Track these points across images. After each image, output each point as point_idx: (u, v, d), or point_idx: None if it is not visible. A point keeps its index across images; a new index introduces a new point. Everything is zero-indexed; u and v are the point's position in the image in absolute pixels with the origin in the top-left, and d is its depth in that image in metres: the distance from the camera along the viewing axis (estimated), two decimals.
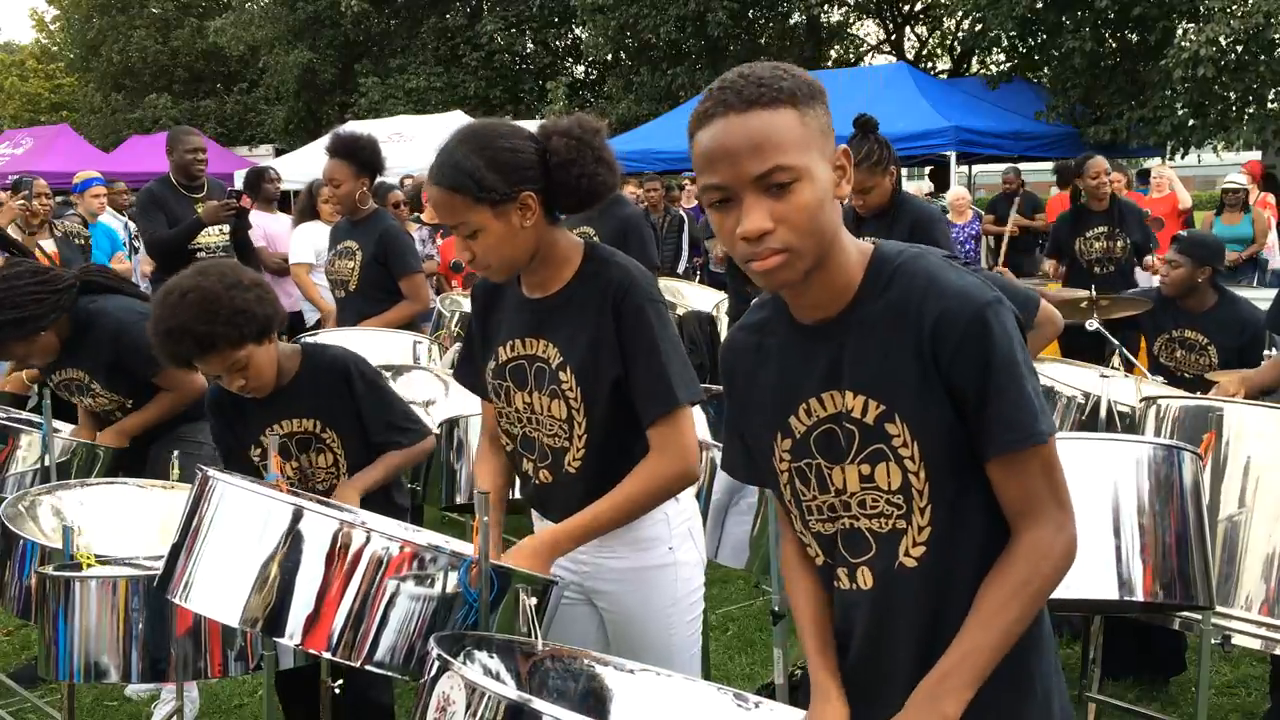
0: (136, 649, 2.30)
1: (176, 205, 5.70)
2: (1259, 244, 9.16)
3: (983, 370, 1.39)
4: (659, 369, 1.99)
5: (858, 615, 1.55)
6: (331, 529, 1.86)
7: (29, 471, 3.45)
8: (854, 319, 1.47)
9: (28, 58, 33.17)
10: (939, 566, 1.47)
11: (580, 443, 2.05)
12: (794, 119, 1.37)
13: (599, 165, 2.01)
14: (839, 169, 1.43)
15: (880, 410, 1.45)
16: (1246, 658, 3.84)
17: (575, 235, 2.14)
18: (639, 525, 2.09)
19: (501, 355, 2.13)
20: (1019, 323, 1.44)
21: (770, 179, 1.37)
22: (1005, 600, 1.42)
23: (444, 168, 1.96)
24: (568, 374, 2.03)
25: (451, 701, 1.45)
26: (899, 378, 1.44)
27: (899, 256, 1.47)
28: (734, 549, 2.95)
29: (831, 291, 1.47)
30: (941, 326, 1.40)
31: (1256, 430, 2.79)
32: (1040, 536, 1.42)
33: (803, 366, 1.52)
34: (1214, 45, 12.07)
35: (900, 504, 1.47)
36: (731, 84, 1.40)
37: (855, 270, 1.48)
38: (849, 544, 1.52)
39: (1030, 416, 1.39)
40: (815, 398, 1.50)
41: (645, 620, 2.14)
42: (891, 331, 1.44)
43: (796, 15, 18.70)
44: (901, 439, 1.44)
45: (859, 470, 1.48)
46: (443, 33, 23.15)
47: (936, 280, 1.43)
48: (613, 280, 2.02)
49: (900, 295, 1.44)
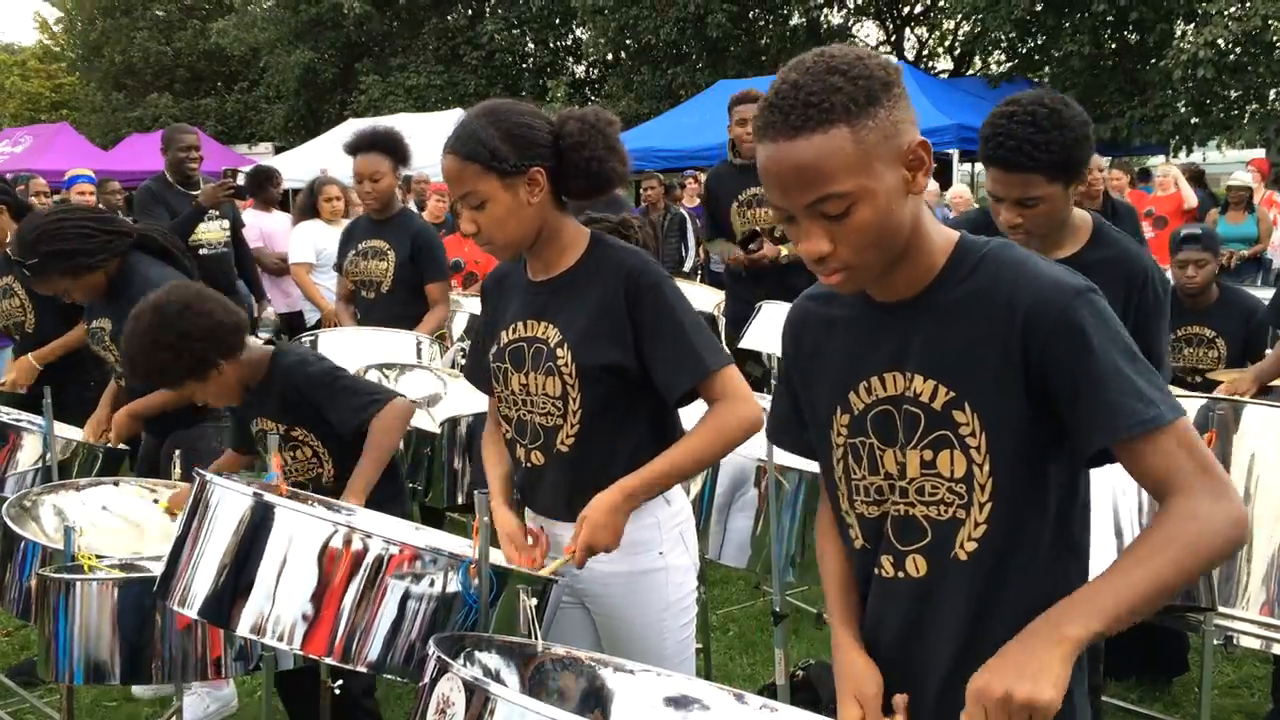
0: (136, 650, 2.29)
1: (176, 200, 5.72)
2: (1263, 243, 9.15)
3: (1081, 359, 1.33)
4: (684, 341, 2.01)
5: (900, 604, 1.50)
6: (330, 531, 1.85)
7: (30, 471, 3.45)
8: (931, 303, 1.43)
9: (30, 58, 33.18)
10: (991, 563, 1.43)
11: (574, 419, 2.06)
12: (845, 140, 1.30)
13: (609, 153, 2.04)
14: (914, 163, 1.36)
15: (950, 396, 1.41)
16: (1249, 658, 3.83)
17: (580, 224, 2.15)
18: (630, 529, 2.08)
19: (504, 339, 2.16)
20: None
21: (821, 208, 1.33)
22: (1149, 551, 1.31)
23: (460, 137, 2.00)
24: (564, 350, 2.05)
25: (451, 703, 1.44)
26: (976, 366, 1.39)
27: (986, 245, 1.44)
28: (736, 549, 2.94)
29: (910, 276, 1.44)
30: (1033, 317, 1.35)
31: (1258, 429, 2.78)
32: (1190, 503, 1.31)
33: (870, 343, 1.48)
34: (1212, 47, 12.07)
35: (962, 493, 1.43)
36: (780, 101, 1.33)
37: (937, 255, 1.44)
38: (900, 530, 1.48)
39: (1141, 401, 1.32)
40: (877, 376, 1.47)
41: (636, 625, 2.13)
42: (974, 318, 1.40)
43: (796, 17, 18.69)
44: (970, 428, 1.41)
45: (920, 455, 1.44)
46: (444, 33, 23.18)
47: (1026, 269, 1.39)
48: (623, 263, 2.05)
49: (987, 283, 1.40)
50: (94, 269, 3.39)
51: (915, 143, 1.36)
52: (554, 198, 2.06)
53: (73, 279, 3.41)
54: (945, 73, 20.44)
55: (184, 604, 1.90)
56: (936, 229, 1.45)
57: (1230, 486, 1.35)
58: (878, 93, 1.32)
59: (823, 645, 4.05)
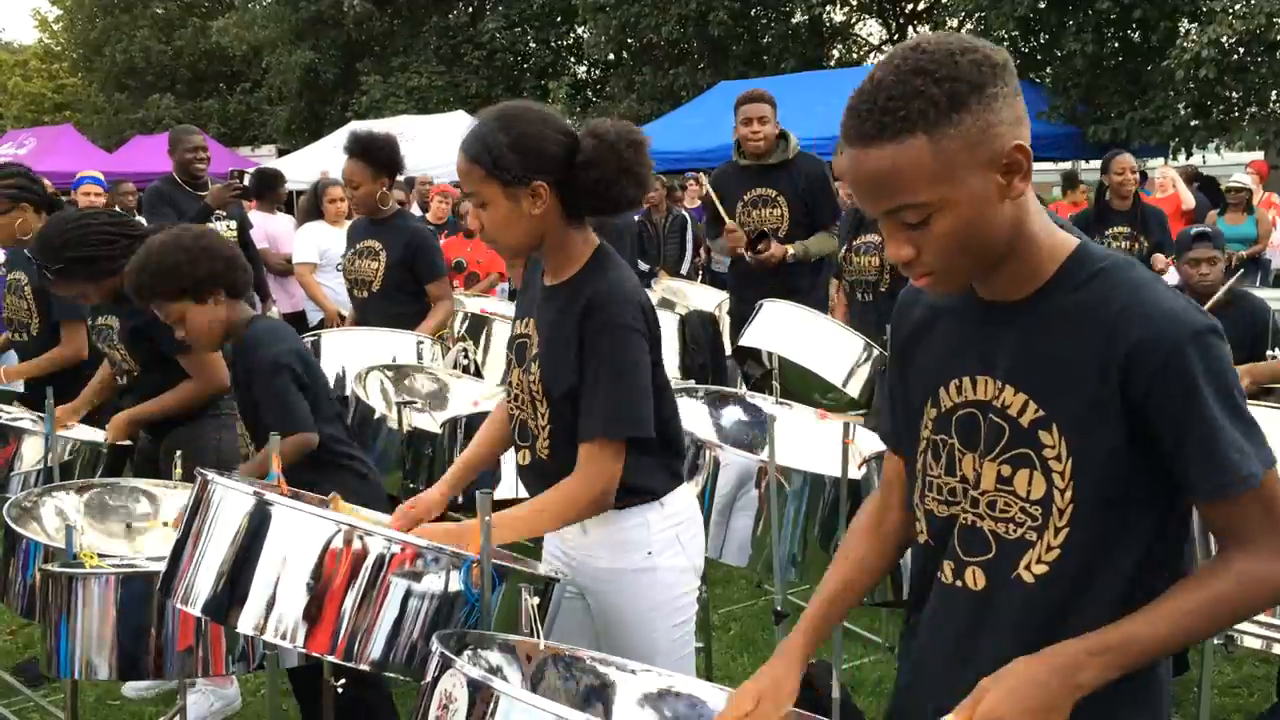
0: (139, 647, 2.30)
1: (183, 201, 5.76)
2: (1262, 244, 9.15)
3: (1186, 406, 1.27)
4: (595, 395, 1.99)
5: (956, 614, 1.46)
6: (331, 530, 1.86)
7: (32, 471, 3.46)
8: (1034, 310, 1.36)
9: (31, 58, 33.20)
10: (1058, 591, 1.36)
11: (545, 430, 2.09)
12: (923, 150, 1.24)
13: (622, 175, 2.00)
14: (1010, 167, 1.28)
15: (1038, 415, 1.34)
16: (1249, 658, 3.84)
17: (592, 235, 2.14)
18: (617, 528, 2.10)
19: (515, 328, 2.20)
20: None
21: (899, 216, 1.30)
22: (1196, 606, 1.29)
23: (471, 137, 2.02)
24: (537, 365, 2.08)
25: (454, 699, 1.45)
26: (1070, 387, 1.32)
27: (1105, 259, 1.35)
28: (738, 548, 2.95)
29: (1015, 278, 1.36)
30: (1141, 351, 1.27)
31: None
32: (1256, 564, 1.29)
33: (966, 341, 1.43)
34: (1216, 46, 12.06)
35: (1037, 516, 1.36)
36: (860, 103, 1.27)
37: (1046, 261, 1.36)
38: (966, 541, 1.43)
39: (1239, 456, 1.27)
40: (968, 377, 1.41)
41: (626, 622, 2.14)
42: (1076, 335, 1.32)
43: (799, 15, 18.68)
44: (1055, 451, 1.34)
45: (998, 470, 1.38)
46: (444, 32, 23.19)
47: (1143, 295, 1.30)
48: (591, 290, 2.02)
49: (1096, 300, 1.32)
50: (115, 273, 3.41)
51: (1012, 146, 1.27)
52: (565, 209, 2.04)
53: (94, 283, 3.44)
54: None
55: (186, 602, 1.91)
56: (1050, 232, 1.37)
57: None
58: (965, 96, 1.24)
59: (824, 645, 4.04)
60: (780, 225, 4.89)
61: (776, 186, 4.89)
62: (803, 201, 4.87)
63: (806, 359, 4.03)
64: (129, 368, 3.53)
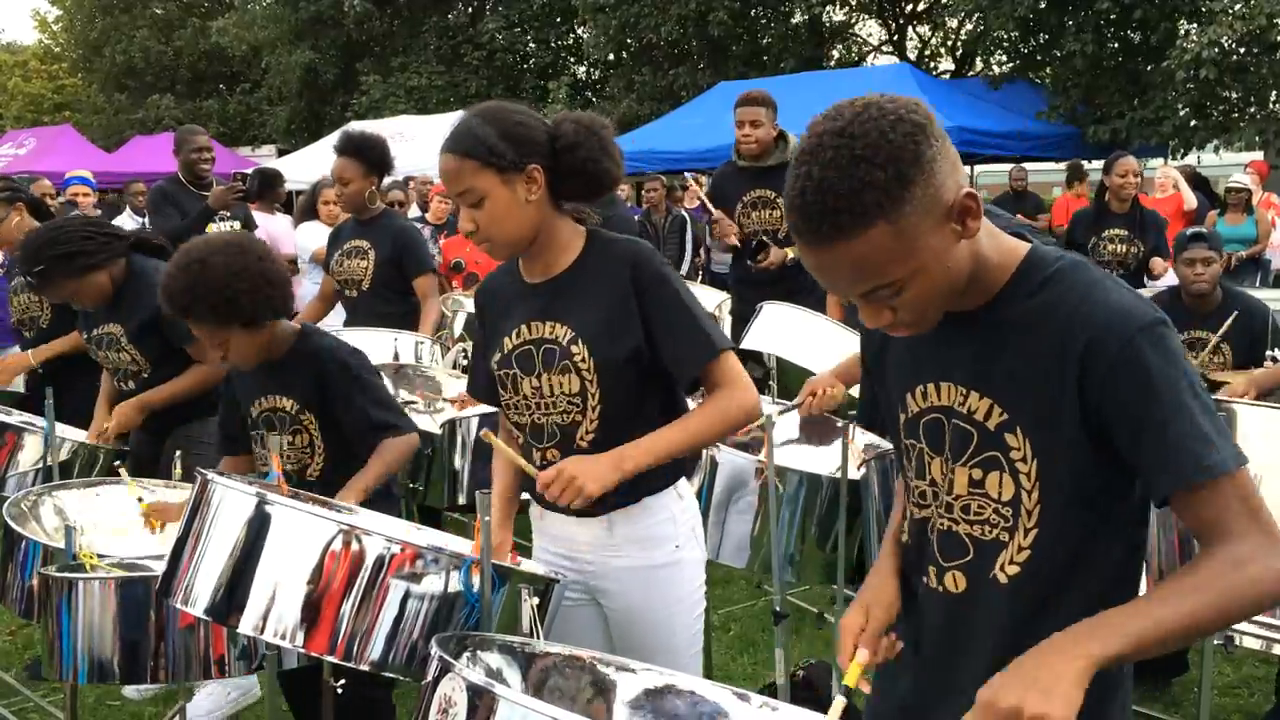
0: (139, 649, 2.30)
1: (187, 201, 5.78)
2: (1261, 245, 9.15)
3: (1141, 398, 1.27)
4: (694, 325, 2.05)
5: (939, 616, 1.49)
6: (331, 530, 1.86)
7: (31, 471, 3.46)
8: (992, 318, 1.39)
9: (30, 58, 33.20)
10: (1032, 590, 1.39)
11: (594, 414, 2.07)
12: (885, 235, 1.24)
13: (604, 154, 2.07)
14: (964, 215, 1.29)
15: (1003, 418, 1.38)
16: (1249, 658, 3.84)
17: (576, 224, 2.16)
18: (646, 525, 2.11)
19: (507, 345, 2.15)
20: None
21: (873, 295, 1.32)
22: (1191, 587, 1.25)
23: (456, 135, 2.03)
24: (580, 346, 2.05)
25: (453, 703, 1.45)
26: (1031, 389, 1.35)
27: (1056, 262, 1.38)
28: (734, 548, 2.95)
29: (970, 293, 1.39)
30: (1095, 347, 1.29)
31: (1261, 431, 2.78)
32: (1240, 549, 1.26)
33: (928, 348, 1.46)
34: (1216, 46, 12.06)
35: (1008, 517, 1.40)
36: (808, 205, 1.25)
37: (998, 272, 1.39)
38: (944, 546, 1.47)
39: (1203, 446, 1.26)
40: (933, 384, 1.45)
41: (649, 619, 2.14)
42: (1033, 339, 1.35)
43: (798, 15, 18.68)
44: (1020, 452, 1.37)
45: (969, 474, 1.42)
46: (444, 32, 23.18)
47: (1093, 295, 1.32)
48: (625, 254, 2.08)
49: (1050, 303, 1.34)
50: (96, 268, 3.44)
51: (960, 196, 1.28)
52: (551, 198, 2.07)
53: (77, 280, 3.44)
54: (947, 73, 20.44)
55: (187, 602, 1.91)
56: (999, 247, 1.39)
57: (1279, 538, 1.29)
58: (909, 172, 1.24)
59: (823, 645, 4.05)
60: (779, 226, 4.90)
61: (775, 188, 4.89)
62: None
63: (807, 360, 4.03)
64: (138, 368, 3.53)
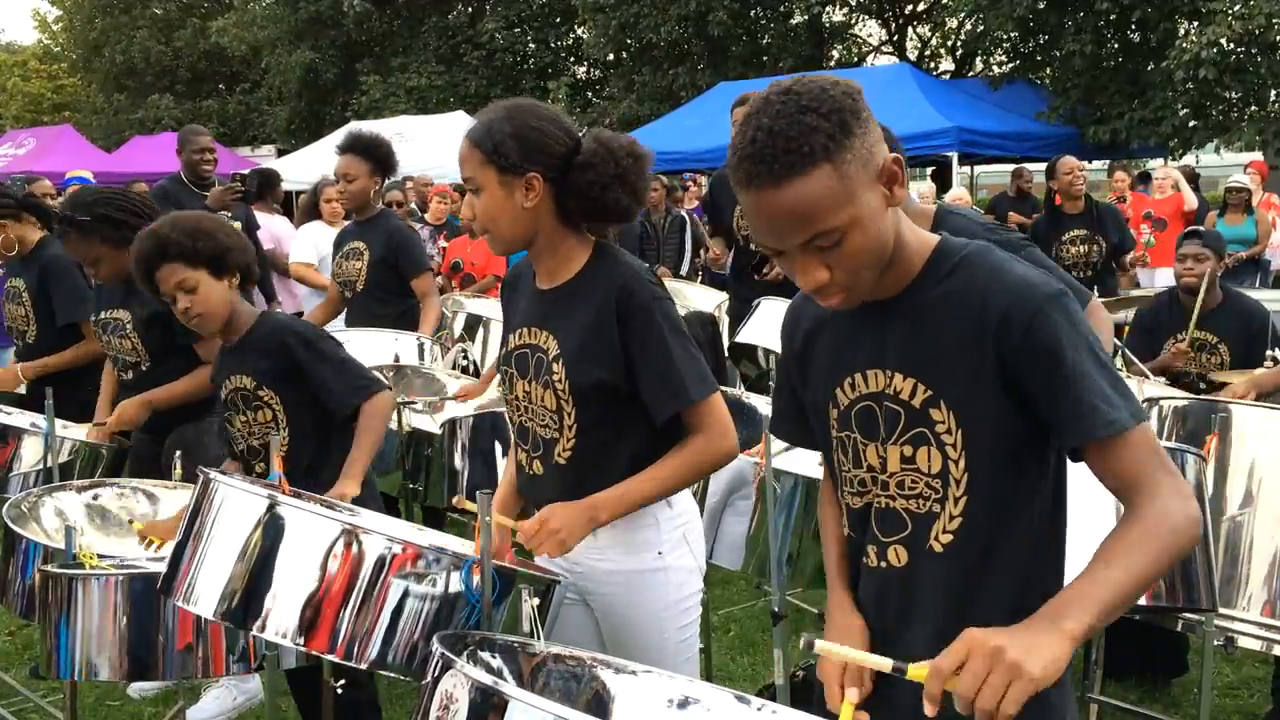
0: (138, 648, 2.30)
1: (189, 201, 5.79)
2: (1261, 245, 9.15)
3: (1052, 363, 1.38)
4: (670, 368, 2.00)
5: (884, 592, 1.57)
6: (333, 530, 1.86)
7: (32, 472, 3.46)
8: (909, 303, 1.49)
9: (30, 58, 33.20)
10: (967, 555, 1.48)
11: (570, 433, 2.06)
12: (829, 177, 1.34)
13: (616, 181, 2.02)
14: (890, 179, 1.40)
15: (927, 395, 1.47)
16: (1249, 659, 3.84)
17: (587, 237, 2.14)
18: (629, 529, 2.09)
19: (511, 342, 2.17)
20: None
21: (815, 243, 1.38)
22: (1127, 546, 1.34)
23: (477, 123, 2.05)
24: (559, 366, 2.05)
25: (454, 700, 1.45)
26: (951, 365, 1.45)
27: (964, 248, 1.49)
28: (730, 549, 2.95)
29: (891, 278, 1.49)
30: (1007, 319, 1.40)
31: (1259, 431, 2.79)
32: (1160, 503, 1.36)
33: (853, 341, 1.54)
34: (1215, 47, 12.07)
35: (938, 488, 1.48)
36: (759, 150, 1.35)
37: (914, 258, 1.49)
38: (881, 521, 1.54)
39: (1108, 405, 1.37)
40: (861, 373, 1.53)
41: (636, 624, 2.13)
42: (949, 319, 1.45)
43: (798, 15, 18.69)
44: (945, 425, 1.46)
45: (901, 451, 1.50)
46: (444, 32, 23.19)
47: (1001, 272, 1.44)
48: (616, 280, 2.03)
49: (962, 284, 1.45)
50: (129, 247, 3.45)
51: (889, 159, 1.40)
52: (558, 209, 2.05)
53: (112, 248, 3.48)
54: (947, 73, 20.44)
55: (187, 601, 1.91)
56: (915, 233, 1.50)
57: (1187, 486, 1.42)
58: (849, 123, 1.36)
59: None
60: None
61: None
62: None
63: None
64: (137, 359, 3.53)
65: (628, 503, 2.03)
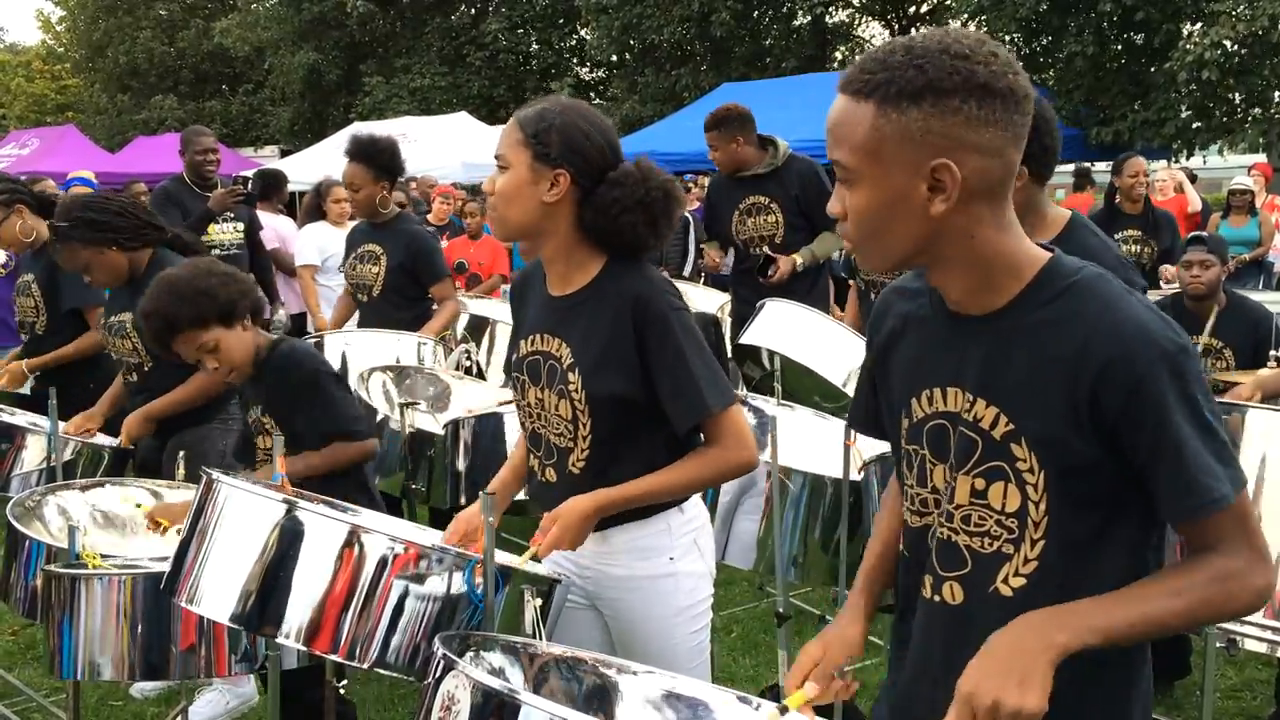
0: (141, 648, 2.30)
1: (191, 202, 5.78)
2: (1265, 247, 9.13)
3: (1157, 429, 1.27)
4: (689, 378, 1.98)
5: (940, 629, 1.46)
6: (336, 530, 1.87)
7: (35, 471, 3.46)
8: (1004, 324, 1.36)
9: (34, 59, 33.25)
10: (1038, 601, 1.34)
11: (585, 443, 2.05)
12: (868, 117, 1.28)
13: (639, 209, 2.00)
14: (934, 186, 1.28)
15: (1009, 428, 1.35)
16: (1252, 661, 3.83)
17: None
18: (641, 534, 2.09)
19: (523, 349, 2.15)
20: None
21: (835, 167, 1.35)
22: (1171, 590, 1.29)
23: (530, 106, 2.05)
24: (575, 375, 2.03)
25: (456, 700, 1.45)
26: (1040, 401, 1.32)
27: (1078, 271, 1.35)
28: (741, 550, 2.95)
29: (980, 292, 1.37)
30: (1112, 370, 1.27)
31: (1264, 431, 2.78)
32: (1230, 562, 1.30)
33: (937, 352, 1.43)
34: (1218, 48, 12.06)
35: (1013, 529, 1.37)
36: (863, 59, 1.33)
37: (1015, 275, 1.35)
38: (942, 556, 1.44)
39: (1210, 480, 1.28)
40: (940, 388, 1.42)
41: (646, 629, 2.13)
42: (1046, 350, 1.32)
43: (801, 16, 18.69)
44: (1027, 464, 1.34)
45: (972, 483, 1.39)
46: (447, 33, 23.21)
47: (1116, 311, 1.29)
48: (632, 289, 2.01)
49: (1067, 314, 1.31)
50: (120, 248, 3.46)
51: (942, 165, 1.27)
52: (577, 217, 2.03)
53: (96, 252, 3.47)
54: None
55: (191, 601, 1.91)
56: (1019, 247, 1.36)
57: (1268, 556, 1.34)
58: (921, 92, 1.26)
59: None
60: (776, 231, 4.90)
61: (768, 193, 4.90)
62: (797, 204, 4.87)
63: (807, 358, 4.02)
64: (139, 360, 3.54)
65: (634, 499, 2.02)
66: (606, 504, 2.00)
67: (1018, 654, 1.26)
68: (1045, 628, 1.27)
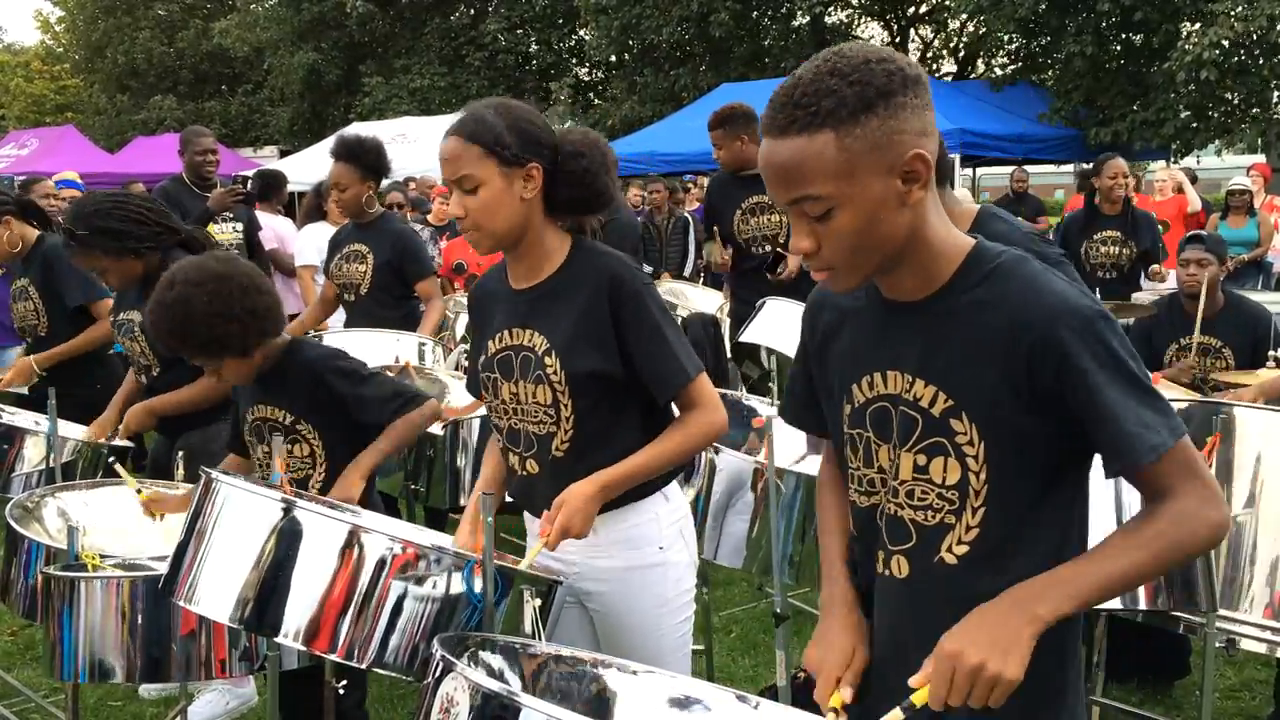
0: (141, 649, 2.30)
1: (190, 202, 5.78)
2: (1264, 247, 9.14)
3: (1088, 390, 1.34)
4: (667, 349, 2.05)
5: (889, 601, 1.54)
6: (334, 530, 1.87)
7: (35, 472, 3.46)
8: (937, 308, 1.44)
9: (33, 59, 33.24)
10: (982, 567, 1.43)
11: (567, 425, 2.08)
12: (829, 145, 1.31)
13: (604, 170, 2.09)
14: (909, 176, 1.35)
15: (948, 405, 1.42)
16: (1251, 661, 3.84)
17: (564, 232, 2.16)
18: (629, 524, 2.11)
19: (491, 348, 2.17)
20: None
21: (801, 206, 1.37)
22: (1135, 543, 1.36)
23: (466, 120, 2.04)
24: (553, 359, 2.06)
25: (455, 703, 1.45)
26: (976, 376, 1.40)
27: (999, 255, 1.44)
28: (733, 549, 2.95)
29: (917, 278, 1.45)
30: (1039, 341, 1.36)
31: (1262, 432, 2.79)
32: (1182, 504, 1.36)
33: (874, 339, 1.50)
34: (1217, 48, 12.07)
35: (954, 500, 1.44)
36: (778, 99, 1.35)
37: (947, 261, 1.44)
38: (890, 530, 1.51)
39: (1144, 430, 1.34)
40: (880, 373, 1.49)
41: (634, 620, 2.14)
42: (978, 329, 1.40)
43: (800, 17, 18.70)
44: (967, 436, 1.42)
45: (914, 459, 1.46)
46: (446, 33, 23.22)
47: (1036, 286, 1.38)
48: (605, 269, 2.07)
49: (994, 295, 1.40)
50: (138, 254, 3.44)
51: (912, 154, 1.34)
52: (544, 203, 2.09)
53: (115, 259, 3.45)
54: (949, 75, 20.44)
55: (190, 601, 1.91)
56: (950, 235, 1.45)
57: (1219, 493, 1.40)
58: (873, 100, 1.31)
59: None
60: (779, 231, 4.90)
61: None
62: None
63: None
64: (148, 363, 3.53)
65: (638, 476, 2.06)
66: (609, 483, 2.02)
67: (1001, 623, 1.32)
68: (1028, 602, 1.33)
